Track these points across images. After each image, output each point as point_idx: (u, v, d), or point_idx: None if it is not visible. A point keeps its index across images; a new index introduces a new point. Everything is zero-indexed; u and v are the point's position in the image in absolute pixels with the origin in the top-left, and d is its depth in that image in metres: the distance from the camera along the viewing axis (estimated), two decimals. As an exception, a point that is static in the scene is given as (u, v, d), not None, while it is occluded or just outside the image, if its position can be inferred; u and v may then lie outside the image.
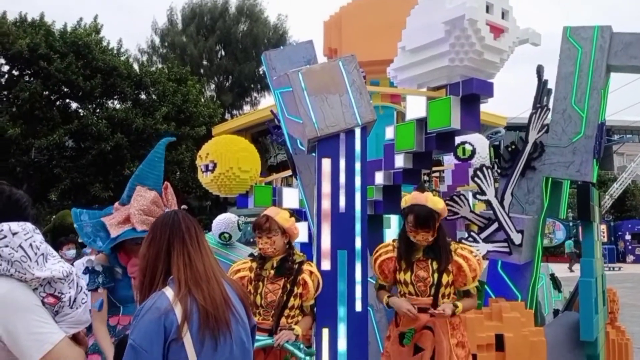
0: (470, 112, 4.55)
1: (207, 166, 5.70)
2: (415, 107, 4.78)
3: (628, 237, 30.71)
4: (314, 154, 3.05)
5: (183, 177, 23.85)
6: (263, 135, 24.80)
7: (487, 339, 4.28)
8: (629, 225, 32.73)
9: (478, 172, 4.45)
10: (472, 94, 4.47)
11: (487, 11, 4.29)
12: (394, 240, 2.99)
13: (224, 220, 6.11)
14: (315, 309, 2.81)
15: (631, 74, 5.27)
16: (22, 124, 20.40)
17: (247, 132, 24.08)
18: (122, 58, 23.79)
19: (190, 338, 1.44)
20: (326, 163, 2.90)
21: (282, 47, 4.16)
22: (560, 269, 6.04)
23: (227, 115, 33.59)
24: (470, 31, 4.19)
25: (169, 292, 1.52)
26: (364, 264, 2.88)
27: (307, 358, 2.59)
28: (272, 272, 2.77)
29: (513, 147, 4.91)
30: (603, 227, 32.49)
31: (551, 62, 5.20)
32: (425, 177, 8.03)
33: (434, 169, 8.36)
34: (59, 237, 8.12)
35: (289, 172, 5.58)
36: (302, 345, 2.61)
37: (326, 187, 2.89)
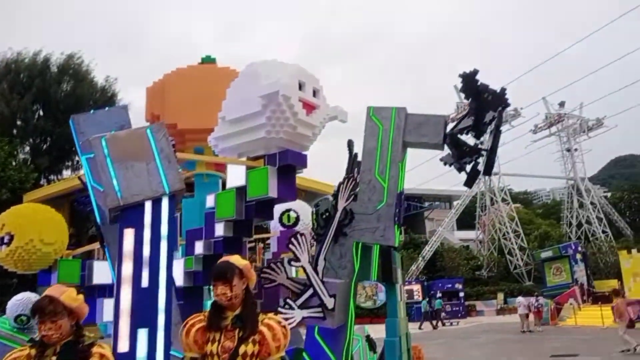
0: (287, 181, 4.77)
1: (2, 239, 5.04)
2: (236, 175, 4.87)
3: (439, 295, 33.91)
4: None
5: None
6: (82, 205, 22.88)
7: (303, 407, 4.31)
8: (440, 284, 36.28)
9: (292, 239, 4.62)
10: (287, 164, 4.71)
11: (300, 89, 4.64)
12: (204, 311, 2.91)
13: (22, 301, 5.38)
14: None
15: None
16: None
17: (66, 198, 22.00)
18: None
19: None
20: (129, 234, 2.75)
21: (92, 112, 3.97)
22: (382, 330, 6.34)
23: (43, 181, 30.43)
24: (284, 106, 4.47)
25: None
26: (166, 343, 2.73)
27: None
28: (54, 358, 2.47)
29: (327, 214, 5.21)
30: (418, 286, 35.61)
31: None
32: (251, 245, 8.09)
33: (260, 236, 8.48)
34: None
35: (97, 245, 5.17)
36: None
37: (127, 259, 2.73)
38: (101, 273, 5.47)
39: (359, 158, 5.41)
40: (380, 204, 5.18)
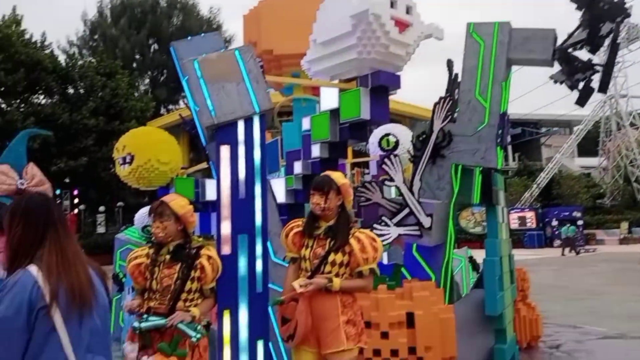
0: (380, 103, 4.74)
1: (124, 159, 5.62)
2: (329, 98, 4.93)
3: (555, 223, 32.45)
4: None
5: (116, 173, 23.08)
6: (193, 135, 24.39)
7: (398, 317, 4.49)
8: (555, 212, 34.59)
9: (386, 160, 4.64)
10: (380, 85, 4.65)
11: (392, 6, 4.48)
12: (303, 218, 3.09)
13: (146, 214, 6.05)
14: (216, 292, 2.87)
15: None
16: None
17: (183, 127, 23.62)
18: (47, 51, 22.76)
19: (59, 312, 1.63)
20: (225, 150, 2.96)
21: (190, 38, 4.18)
22: None
23: (163, 110, 32.83)
24: (375, 25, 4.36)
25: (33, 269, 1.67)
26: (264, 247, 2.97)
27: (198, 336, 2.65)
28: (168, 257, 2.80)
29: (424, 136, 5.14)
30: (531, 214, 34.26)
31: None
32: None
33: (359, 159, 8.59)
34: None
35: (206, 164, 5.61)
36: (198, 327, 2.65)
37: (225, 174, 2.96)
38: (213, 190, 5.96)
39: (460, 79, 5.21)
40: (481, 125, 5.01)
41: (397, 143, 7.61)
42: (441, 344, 4.58)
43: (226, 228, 2.93)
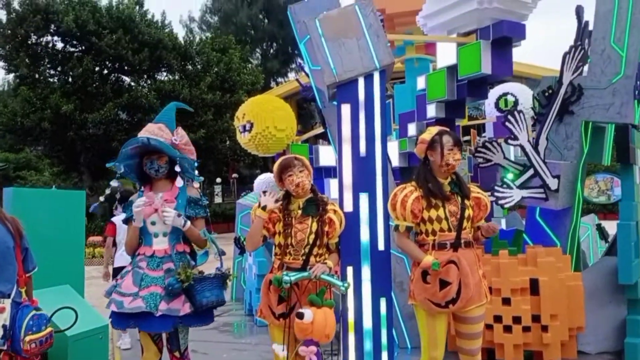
0: (502, 55, 4.46)
1: (244, 126, 5.87)
2: (446, 54, 4.73)
3: None
4: (334, 103, 3.13)
5: (231, 146, 24.31)
6: (308, 101, 24.88)
7: (521, 283, 4.31)
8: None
9: (510, 117, 4.38)
10: (503, 37, 4.37)
11: (515, -51, 4.16)
12: (410, 183, 2.96)
13: (264, 180, 6.31)
14: (339, 247, 2.90)
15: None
16: (75, 100, 21.30)
17: (292, 99, 24.19)
18: (167, 30, 24.25)
19: None
20: (345, 108, 2.96)
21: (306, 0, 4.20)
22: (615, 226, 5.88)
23: (273, 83, 33.79)
24: (497, -29, 4.08)
25: None
26: (385, 206, 2.96)
27: (346, 285, 2.71)
28: (299, 212, 2.85)
29: (550, 91, 4.78)
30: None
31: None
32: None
33: (475, 122, 8.24)
34: (119, 202, 8.51)
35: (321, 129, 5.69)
36: (335, 276, 2.71)
37: (346, 132, 2.96)
38: (326, 155, 6.05)
39: (590, 27, 4.75)
40: (617, 76, 4.55)
41: (516, 103, 7.17)
42: (568, 312, 4.34)
43: (347, 186, 2.96)
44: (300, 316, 2.53)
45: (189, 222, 2.94)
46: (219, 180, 28.75)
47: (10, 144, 25.98)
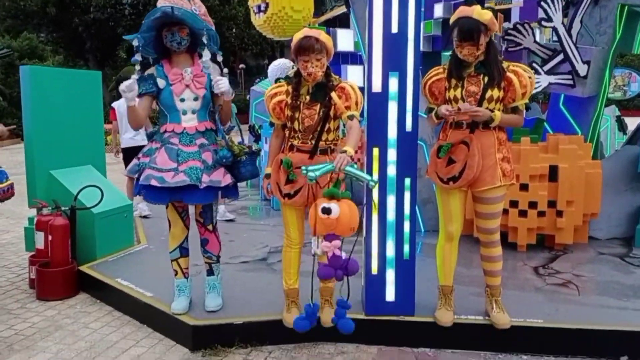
0: None
1: (259, 7, 5.59)
2: None
3: None
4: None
5: (239, 34, 23.52)
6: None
7: (540, 170, 4.32)
8: None
9: (544, -3, 4.12)
10: None
11: None
12: (444, 65, 2.92)
13: (279, 66, 6.13)
14: (361, 124, 2.78)
15: None
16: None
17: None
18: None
19: None
20: (378, -19, 2.76)
21: None
22: (632, 123, 5.72)
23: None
24: None
25: None
26: (415, 86, 2.87)
27: (375, 179, 2.66)
28: (308, 97, 2.74)
29: (588, -30, 4.47)
30: None
31: None
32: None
33: (501, 7, 7.80)
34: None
35: (342, 10, 5.40)
36: (356, 166, 2.55)
37: (378, 7, 2.80)
38: (344, 40, 5.81)
39: None
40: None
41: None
42: (584, 199, 4.39)
43: (377, 64, 2.85)
44: (328, 211, 2.33)
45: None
46: (225, 70, 28.09)
47: (9, 30, 25.19)
